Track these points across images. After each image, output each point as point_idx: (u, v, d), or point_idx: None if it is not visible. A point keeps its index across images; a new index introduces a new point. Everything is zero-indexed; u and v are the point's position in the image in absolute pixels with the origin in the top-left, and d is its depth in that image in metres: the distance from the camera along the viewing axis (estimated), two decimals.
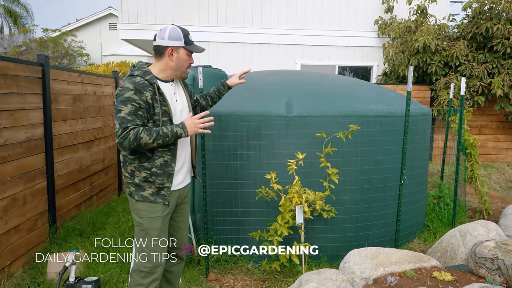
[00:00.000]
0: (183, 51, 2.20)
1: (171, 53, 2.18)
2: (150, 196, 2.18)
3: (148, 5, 8.67)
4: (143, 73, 2.13)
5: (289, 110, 3.38)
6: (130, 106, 2.03)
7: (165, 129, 2.07)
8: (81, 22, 16.99)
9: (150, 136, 2.03)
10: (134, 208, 2.23)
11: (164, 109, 2.15)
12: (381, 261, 2.61)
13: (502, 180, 7.51)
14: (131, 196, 2.23)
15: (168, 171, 2.19)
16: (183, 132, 2.11)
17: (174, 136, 2.10)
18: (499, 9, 7.04)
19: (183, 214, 2.47)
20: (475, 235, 2.74)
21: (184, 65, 2.23)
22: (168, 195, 2.21)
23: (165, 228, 2.27)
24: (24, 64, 3.46)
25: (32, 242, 3.55)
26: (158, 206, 2.20)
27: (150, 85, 2.11)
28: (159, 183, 2.18)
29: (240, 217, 3.48)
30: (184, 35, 2.19)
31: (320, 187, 3.34)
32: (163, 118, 2.14)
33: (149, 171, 2.15)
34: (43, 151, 3.75)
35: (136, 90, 2.05)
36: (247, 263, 3.50)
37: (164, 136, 2.06)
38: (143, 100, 2.06)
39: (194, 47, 2.23)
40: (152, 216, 2.20)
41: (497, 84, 6.90)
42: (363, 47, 9.19)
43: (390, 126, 3.53)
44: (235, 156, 3.43)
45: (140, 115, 2.06)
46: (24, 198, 3.44)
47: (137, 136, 2.01)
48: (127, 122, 2.02)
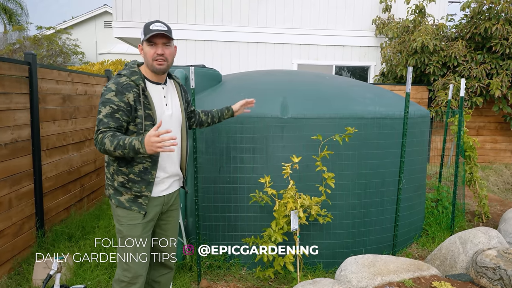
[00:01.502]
0: (145, 43, 2.04)
1: (141, 50, 2.09)
2: (125, 202, 2.05)
3: (143, 3, 8.53)
4: (130, 73, 2.02)
5: (284, 111, 3.27)
6: (108, 108, 1.93)
7: (126, 140, 1.84)
8: (76, 20, 16.80)
9: (111, 143, 1.85)
10: (114, 214, 2.12)
11: (148, 113, 2.01)
12: (378, 270, 2.51)
13: (500, 182, 7.45)
14: (110, 199, 2.11)
15: (147, 178, 2.05)
16: (140, 147, 1.81)
17: (132, 149, 1.82)
18: (498, 9, 6.96)
19: (171, 222, 2.33)
20: (476, 242, 2.65)
21: (148, 58, 2.03)
22: (145, 204, 2.06)
23: (146, 235, 2.12)
24: (10, 63, 3.33)
25: (18, 247, 3.43)
26: (137, 213, 2.08)
27: (136, 86, 1.99)
28: (136, 190, 2.04)
29: (233, 222, 3.37)
30: (145, 27, 2.03)
31: (315, 192, 3.24)
32: (146, 122, 2.01)
33: (126, 177, 2.04)
34: (30, 153, 3.62)
35: (117, 91, 1.95)
36: (240, 269, 3.39)
37: (122, 147, 1.84)
38: (123, 101, 1.94)
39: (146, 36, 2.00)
40: (132, 223, 2.07)
41: (495, 85, 6.82)
42: (360, 46, 9.10)
43: (388, 129, 3.43)
44: (228, 159, 3.32)
45: (116, 117, 1.93)
46: (10, 201, 3.32)
47: (102, 141, 1.88)
48: (101, 124, 1.92)
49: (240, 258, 3.42)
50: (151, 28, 2.01)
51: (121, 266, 2.12)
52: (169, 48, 2.07)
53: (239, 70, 8.83)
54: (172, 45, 2.11)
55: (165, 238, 2.31)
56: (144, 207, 2.06)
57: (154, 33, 1.98)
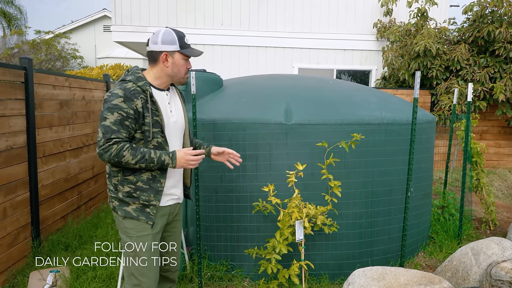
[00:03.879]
0: (179, 55, 2.01)
1: (166, 59, 2.00)
2: (133, 212, 1.97)
3: (142, 7, 8.46)
4: (136, 79, 1.94)
5: (288, 117, 3.17)
6: (117, 114, 1.85)
7: (152, 154, 1.89)
8: (75, 24, 16.73)
9: (133, 157, 1.86)
10: (121, 226, 2.02)
11: (156, 119, 1.96)
12: (388, 283, 2.40)
13: (504, 187, 7.35)
14: (115, 211, 2.01)
15: (156, 187, 1.98)
16: (170, 163, 1.93)
17: (160, 164, 1.91)
18: (501, 12, 6.89)
19: (175, 233, 2.25)
20: (489, 254, 2.54)
21: (181, 71, 2.05)
22: (153, 214, 1.99)
23: (156, 248, 2.06)
24: (5, 68, 3.23)
25: (13, 257, 3.31)
26: (144, 223, 1.99)
27: (143, 92, 1.93)
28: (144, 199, 1.97)
29: (235, 232, 3.26)
30: (179, 38, 2.00)
31: (321, 200, 3.13)
32: (154, 129, 1.95)
33: (133, 186, 1.96)
34: (26, 160, 3.52)
35: (125, 97, 1.87)
36: (243, 281, 3.28)
37: (148, 161, 1.88)
38: (132, 108, 1.88)
39: (190, 51, 2.04)
40: (142, 235, 1.98)
41: (499, 89, 6.74)
42: (361, 50, 9.02)
43: (395, 135, 3.33)
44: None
45: (126, 125, 1.87)
46: (4, 211, 3.20)
47: (119, 153, 1.84)
48: (111, 132, 1.84)
49: (242, 269, 3.31)
50: (188, 43, 2.05)
51: (130, 279, 2.02)
52: None
53: (239, 74, 8.75)
54: None
55: (171, 251, 2.23)
56: (152, 217, 1.99)
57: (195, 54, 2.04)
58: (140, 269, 2.00)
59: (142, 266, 2.00)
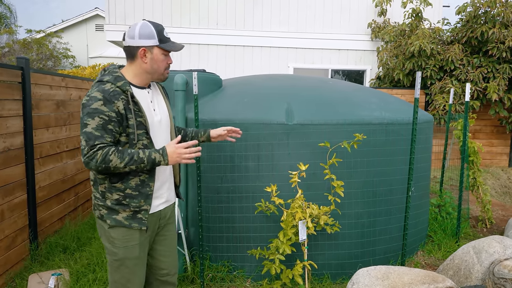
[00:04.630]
0: (158, 50, 1.87)
1: (144, 54, 1.87)
2: (124, 220, 1.86)
3: (137, 6, 8.40)
4: (114, 79, 1.82)
5: (290, 117, 3.17)
6: (98, 119, 1.73)
7: (141, 154, 1.76)
8: (66, 23, 16.53)
9: (121, 160, 1.74)
10: (106, 235, 1.90)
11: (140, 121, 1.84)
12: (393, 283, 2.41)
13: (498, 185, 7.44)
14: (102, 219, 1.89)
15: (145, 192, 1.89)
16: (162, 160, 1.78)
17: (151, 163, 1.78)
18: (494, 13, 6.98)
19: (170, 236, 2.14)
20: (491, 252, 2.57)
21: (160, 67, 1.91)
22: (146, 219, 1.89)
23: (143, 255, 1.96)
24: (2, 68, 3.18)
25: (11, 260, 3.26)
26: (135, 232, 1.89)
27: (123, 92, 1.81)
28: (134, 206, 1.87)
29: (237, 233, 3.25)
30: (158, 31, 1.86)
31: (322, 200, 3.14)
32: (138, 131, 1.84)
33: (122, 193, 1.85)
34: (23, 162, 3.46)
35: (105, 100, 1.75)
36: (245, 281, 3.27)
37: (138, 162, 1.76)
38: (114, 111, 1.76)
39: (170, 45, 1.89)
40: (129, 245, 1.89)
41: (492, 89, 6.82)
42: (356, 50, 9.07)
43: (395, 135, 3.35)
44: (232, 168, 3.20)
45: (110, 129, 1.76)
46: (2, 213, 3.15)
47: (106, 158, 1.72)
48: (94, 139, 1.73)
49: (244, 270, 3.30)
50: (167, 36, 1.91)
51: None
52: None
53: (235, 74, 8.73)
54: None
55: (166, 254, 2.12)
56: (144, 222, 1.89)
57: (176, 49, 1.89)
58: (126, 276, 1.92)
59: (128, 274, 1.92)
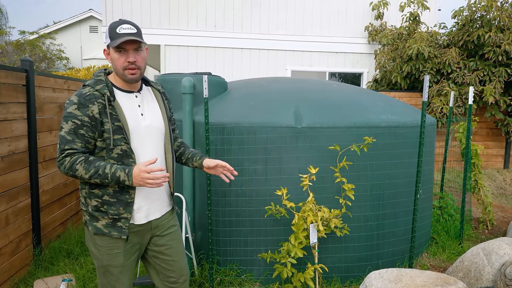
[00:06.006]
0: (112, 49, 1.77)
1: (108, 55, 1.81)
2: (104, 228, 1.81)
3: (134, 8, 8.35)
4: (94, 82, 1.77)
5: (298, 120, 3.17)
6: (71, 123, 1.70)
7: (107, 169, 1.69)
8: (60, 25, 16.37)
9: (86, 171, 1.68)
10: (92, 240, 1.86)
11: (118, 125, 1.76)
12: (406, 285, 2.42)
13: (494, 186, 7.54)
14: (86, 225, 1.86)
15: (124, 199, 1.81)
16: (126, 179, 1.70)
17: (115, 180, 1.70)
18: (489, 17, 7.08)
19: (174, 244, 2.04)
20: (501, 254, 2.60)
21: (118, 66, 1.77)
22: (126, 227, 1.82)
23: (130, 263, 1.90)
24: (7, 70, 3.14)
25: (15, 266, 3.21)
26: (118, 240, 1.84)
27: (101, 96, 1.75)
28: (113, 213, 1.80)
29: (246, 236, 3.24)
30: (110, 29, 1.74)
31: (331, 203, 3.15)
32: (115, 136, 1.76)
33: (100, 199, 1.79)
34: (27, 165, 3.42)
35: (79, 104, 1.71)
36: (253, 285, 3.26)
37: (102, 177, 1.69)
38: (87, 115, 1.71)
39: (114, 42, 1.72)
40: (112, 253, 1.84)
41: (489, 92, 6.91)
42: (353, 53, 9.13)
43: (402, 138, 3.37)
44: (240, 171, 3.19)
45: (81, 134, 1.71)
46: (7, 218, 3.10)
47: (72, 166, 1.69)
48: (65, 143, 1.70)
49: (252, 274, 3.29)
50: (119, 32, 1.73)
51: None
52: (141, 53, 1.81)
53: (233, 76, 8.73)
54: (144, 48, 1.84)
55: (173, 263, 2.04)
56: (125, 231, 1.81)
57: (124, 39, 1.71)
58: (112, 283, 1.88)
59: (113, 281, 1.88)
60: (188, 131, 3.29)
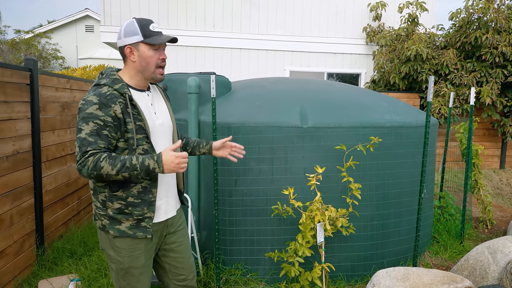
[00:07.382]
0: (144, 46, 1.77)
1: (131, 52, 1.79)
2: (128, 230, 1.80)
3: (133, 7, 8.32)
4: (111, 82, 1.74)
5: (304, 120, 3.19)
6: (93, 124, 1.65)
7: (134, 160, 1.65)
8: (55, 24, 16.25)
9: (113, 166, 1.63)
10: (111, 244, 1.83)
11: (139, 125, 1.77)
12: (414, 284, 2.45)
13: (490, 187, 7.62)
14: (104, 230, 1.82)
15: (148, 199, 1.81)
16: (156, 167, 1.66)
17: (145, 170, 1.66)
18: (487, 19, 7.16)
19: (183, 242, 2.08)
20: (506, 252, 2.64)
21: (150, 64, 1.80)
22: (150, 226, 1.84)
23: (149, 263, 1.92)
24: (12, 69, 3.12)
25: (19, 267, 3.19)
26: (140, 241, 1.84)
27: (121, 95, 1.73)
28: (137, 214, 1.80)
29: (251, 236, 3.25)
30: (141, 27, 1.76)
31: (336, 203, 3.17)
32: (138, 136, 1.76)
33: (124, 201, 1.78)
34: (31, 165, 3.40)
35: (101, 104, 1.67)
36: (259, 284, 3.27)
37: (131, 169, 1.64)
38: (110, 115, 1.68)
39: (155, 39, 1.77)
40: (134, 254, 1.84)
41: (486, 93, 6.99)
42: (351, 54, 9.18)
43: (405, 138, 3.40)
44: (245, 171, 3.20)
45: (105, 135, 1.68)
46: (11, 218, 3.08)
47: (96, 165, 1.63)
48: (87, 145, 1.64)
49: (257, 273, 3.30)
50: (154, 30, 1.78)
51: None
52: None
53: (232, 76, 8.73)
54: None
55: (183, 261, 2.06)
56: (149, 230, 1.83)
57: (168, 37, 1.77)
58: (132, 284, 1.88)
59: (134, 282, 1.88)
60: (194, 131, 3.30)
